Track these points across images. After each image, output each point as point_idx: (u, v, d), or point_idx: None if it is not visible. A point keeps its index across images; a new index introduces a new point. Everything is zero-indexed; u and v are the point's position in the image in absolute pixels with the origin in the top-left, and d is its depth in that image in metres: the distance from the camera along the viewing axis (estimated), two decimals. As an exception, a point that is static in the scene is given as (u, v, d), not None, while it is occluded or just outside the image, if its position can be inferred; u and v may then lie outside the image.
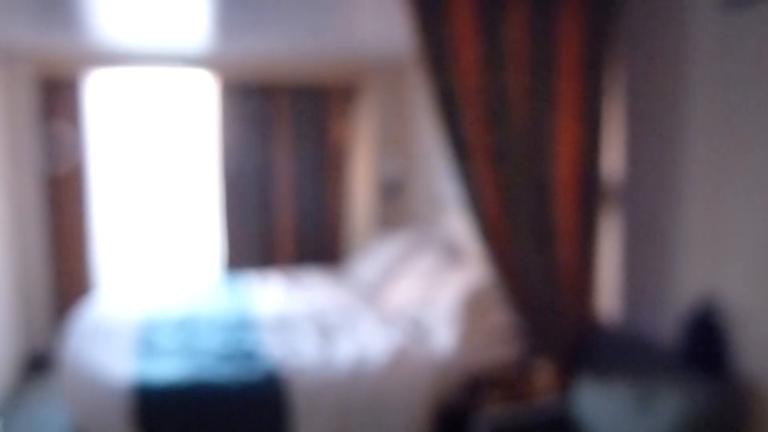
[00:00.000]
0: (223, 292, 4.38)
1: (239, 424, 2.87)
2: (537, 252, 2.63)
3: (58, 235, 4.87)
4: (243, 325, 3.69)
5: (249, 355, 3.25)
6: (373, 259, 4.62)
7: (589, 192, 2.65)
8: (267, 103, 5.15)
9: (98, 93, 4.94)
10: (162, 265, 5.81)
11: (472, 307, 3.34)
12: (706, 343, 2.29)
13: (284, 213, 5.27)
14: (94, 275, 4.99)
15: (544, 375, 2.78)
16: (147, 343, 3.37)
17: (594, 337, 2.70)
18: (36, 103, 4.73)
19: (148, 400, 2.81)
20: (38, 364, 4.83)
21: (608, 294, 2.84)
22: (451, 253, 4.22)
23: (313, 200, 5.33)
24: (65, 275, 4.91)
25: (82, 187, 4.88)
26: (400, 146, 5.31)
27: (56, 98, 4.76)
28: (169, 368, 3.04)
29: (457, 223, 4.31)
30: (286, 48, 4.45)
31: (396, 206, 5.46)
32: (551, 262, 2.65)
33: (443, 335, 3.33)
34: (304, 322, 3.72)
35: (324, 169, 5.34)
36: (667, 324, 2.53)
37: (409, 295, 3.74)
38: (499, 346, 3.31)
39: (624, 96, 2.76)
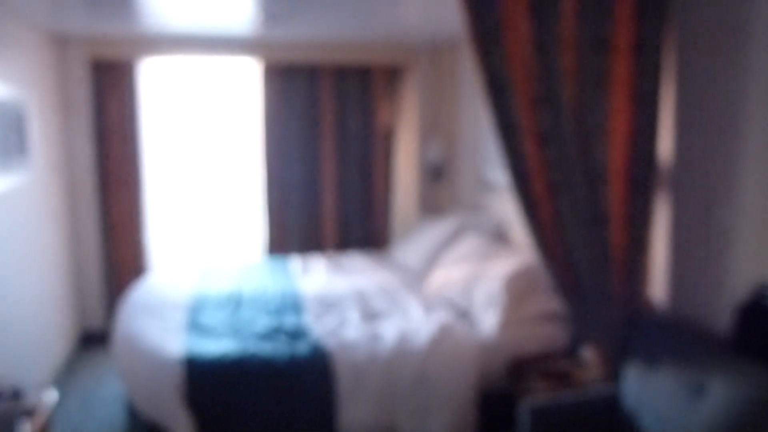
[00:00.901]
0: (268, 273, 4.44)
1: (285, 399, 2.92)
2: (586, 235, 2.59)
3: (111, 215, 5.00)
4: (288, 304, 3.75)
5: (294, 333, 3.30)
6: (417, 242, 4.62)
7: (641, 175, 2.60)
8: (311, 85, 5.16)
9: (150, 77, 5.04)
10: (210, 246, 5.92)
11: (517, 290, 3.31)
12: (759, 330, 2.23)
13: (328, 196, 5.29)
14: (146, 255, 5.12)
15: (591, 361, 2.75)
16: (196, 320, 3.45)
17: (643, 323, 2.65)
18: (90, 85, 4.85)
19: (197, 375, 2.88)
20: (92, 341, 5.00)
21: (659, 279, 2.78)
22: (496, 237, 4.20)
23: (358, 183, 5.34)
24: (118, 255, 5.04)
25: (134, 168, 4.99)
26: (445, 128, 5.27)
27: (110, 82, 4.86)
28: (217, 344, 3.12)
29: (503, 206, 4.27)
30: (331, 31, 4.45)
31: (440, 189, 5.44)
32: (601, 245, 2.61)
33: (487, 318, 3.33)
34: (349, 302, 3.76)
35: (369, 151, 5.33)
36: (718, 310, 2.47)
37: (453, 279, 3.74)
38: (545, 330, 3.29)
39: (677, 76, 2.68)
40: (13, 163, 3.70)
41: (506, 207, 4.22)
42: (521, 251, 3.75)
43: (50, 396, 2.37)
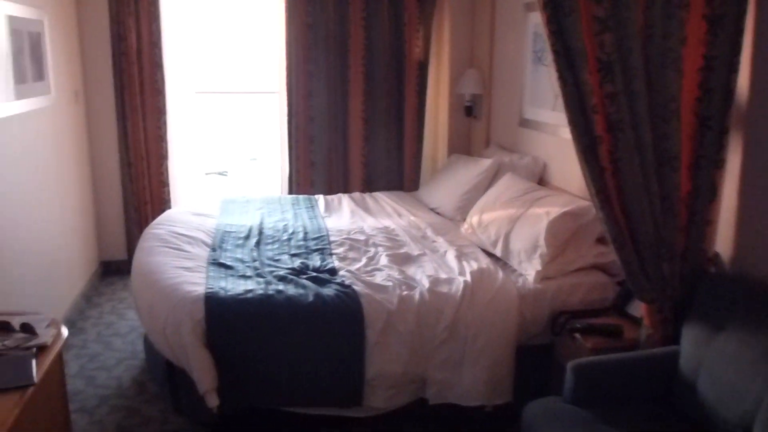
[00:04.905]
0: (292, 211, 4.24)
1: (309, 343, 2.75)
2: (647, 179, 2.32)
3: (131, 145, 4.79)
4: (312, 243, 3.55)
5: (320, 273, 3.11)
6: (448, 184, 4.37)
7: (713, 111, 2.30)
8: (339, 12, 4.80)
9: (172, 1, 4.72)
10: (232, 179, 5.73)
11: (562, 236, 3.06)
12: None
13: (355, 132, 5.00)
14: (167, 188, 4.93)
15: (646, 320, 2.51)
16: (217, 256, 3.27)
17: (707, 280, 2.40)
18: (109, 7, 4.57)
19: (217, 313, 2.71)
20: (112, 272, 4.89)
21: (727, 231, 2.51)
22: (535, 178, 3.93)
23: (388, 119, 5.04)
24: (139, 186, 4.86)
25: (156, 97, 4.75)
26: (481, 60, 4.93)
27: (130, 4, 4.57)
28: (239, 282, 2.94)
29: (544, 147, 3.99)
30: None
31: (473, 127, 5.14)
32: (663, 190, 2.34)
33: (527, 265, 3.10)
34: (377, 244, 3.55)
35: (400, 85, 5.01)
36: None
37: (489, 223, 3.49)
38: (591, 281, 3.05)
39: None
40: (29, 87, 3.50)
41: (548, 147, 3.94)
42: (564, 194, 3.49)
43: (62, 331, 2.21)
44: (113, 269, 4.92)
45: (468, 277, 3.03)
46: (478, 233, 3.55)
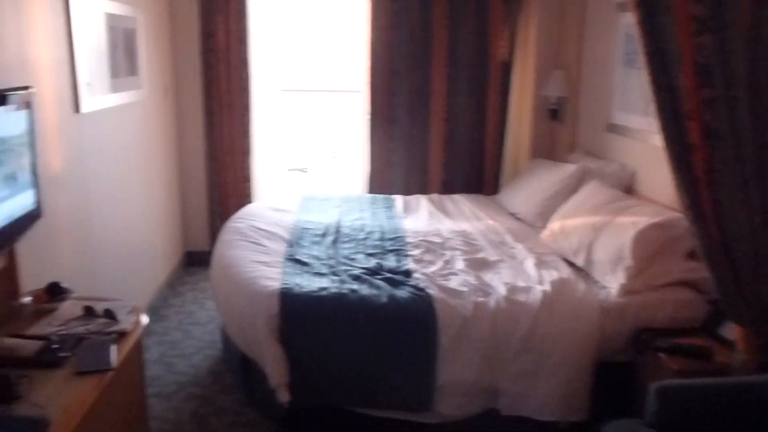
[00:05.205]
0: (370, 210, 4.24)
1: (381, 344, 2.72)
2: (747, 191, 2.17)
3: (217, 140, 4.92)
4: (389, 244, 3.53)
5: (395, 274, 3.08)
6: (530, 189, 4.25)
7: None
8: (423, 10, 4.75)
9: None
10: (313, 176, 5.79)
11: (649, 249, 2.90)
12: None
13: (436, 132, 4.94)
14: (250, 182, 5.03)
15: (740, 344, 2.34)
16: (294, 253, 3.30)
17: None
18: (199, 6, 4.71)
19: (291, 309, 2.73)
20: (195, 263, 5.04)
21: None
22: (623, 187, 3.76)
23: (469, 120, 4.96)
24: (223, 180, 4.98)
25: (242, 94, 4.86)
26: (568, 61, 4.77)
27: (219, 2, 4.69)
28: (314, 279, 2.95)
29: (633, 153, 3.81)
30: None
31: (558, 131, 4.99)
32: (765, 204, 2.18)
33: (611, 278, 2.96)
34: (454, 248, 3.49)
35: (483, 85, 4.92)
36: None
37: (571, 231, 3.37)
38: (679, 297, 2.88)
39: None
40: (122, 81, 3.65)
41: (637, 155, 3.76)
42: (652, 204, 3.32)
43: (142, 319, 2.28)
44: (196, 260, 5.07)
45: (547, 287, 2.92)
46: (559, 241, 3.43)
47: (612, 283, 2.94)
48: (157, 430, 2.89)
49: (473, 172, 5.07)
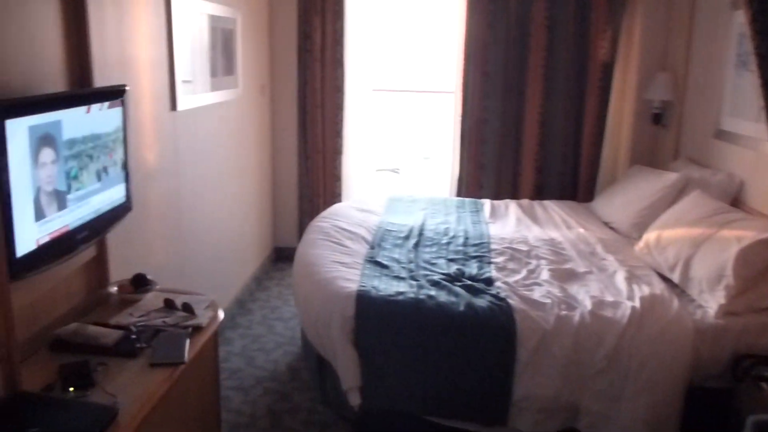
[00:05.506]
0: (456, 214, 4.16)
1: (456, 354, 2.64)
2: None
3: (309, 140, 5.00)
4: (472, 249, 3.44)
5: (476, 282, 3.00)
6: (627, 197, 4.03)
7: None
8: (521, 8, 4.62)
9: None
10: (405, 178, 5.77)
11: (754, 268, 2.66)
12: None
13: (530, 135, 4.79)
14: (340, 182, 5.08)
15: None
16: (375, 254, 3.28)
17: None
18: (297, 7, 4.79)
19: (367, 313, 2.70)
20: (284, 259, 5.15)
21: None
22: (729, 198, 3.48)
23: (566, 123, 4.77)
24: (313, 179, 5.06)
25: (335, 94, 4.91)
26: (674, 64, 4.48)
27: (316, 4, 4.75)
28: (392, 283, 2.92)
29: (743, 163, 3.53)
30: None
31: (660, 137, 4.70)
32: None
33: (710, 297, 2.75)
34: (540, 257, 3.36)
35: (582, 87, 4.72)
36: None
37: (669, 244, 3.15)
38: (787, 323, 2.63)
39: None
40: (220, 80, 3.77)
41: (747, 164, 3.48)
42: (763, 219, 3.06)
43: (218, 314, 2.32)
44: (284, 255, 5.17)
45: (637, 303, 2.75)
46: (654, 254, 3.22)
47: (710, 302, 2.73)
48: (233, 423, 2.96)
49: (567, 178, 4.88)
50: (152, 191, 2.91)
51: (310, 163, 5.04)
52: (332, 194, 5.10)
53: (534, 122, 4.78)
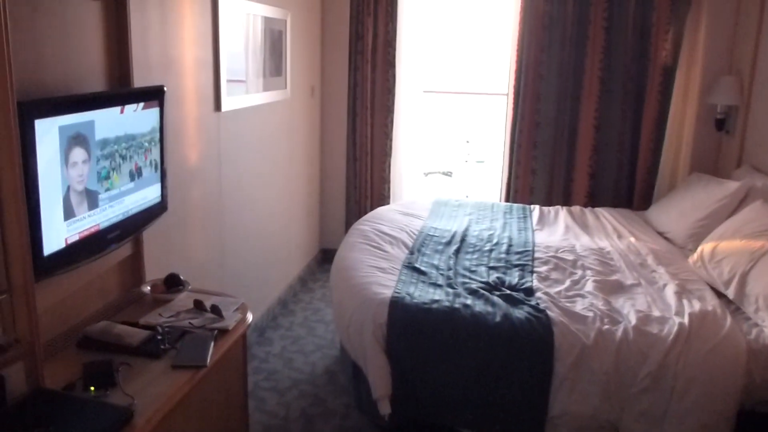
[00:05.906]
0: (501, 220, 4.06)
1: (490, 366, 2.56)
2: None
3: (358, 142, 4.98)
4: (514, 257, 3.34)
5: (515, 291, 2.90)
6: (684, 206, 3.84)
7: None
8: (578, 8, 4.46)
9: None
10: (456, 181, 5.68)
11: (817, 288, 2.49)
12: None
13: (584, 140, 4.63)
14: (388, 185, 5.04)
15: None
16: (414, 260, 3.23)
17: None
18: (350, 8, 4.78)
19: (400, 320, 2.65)
20: (329, 260, 5.13)
21: None
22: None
23: (623, 127, 4.58)
24: (361, 181, 5.03)
25: (386, 96, 4.87)
26: (740, 67, 4.24)
27: (369, 4, 4.73)
28: (428, 290, 2.85)
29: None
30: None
31: (723, 143, 4.46)
32: None
33: (763, 314, 2.57)
34: (586, 265, 3.23)
35: (641, 90, 4.52)
36: None
37: (726, 258, 2.97)
38: None
39: None
40: (268, 81, 3.79)
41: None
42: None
43: (247, 317, 2.31)
44: (331, 257, 5.11)
45: (685, 319, 2.60)
46: (708, 267, 3.04)
47: (766, 321, 2.55)
48: (265, 425, 2.95)
49: (623, 185, 4.70)
50: (193, 191, 2.93)
51: (358, 165, 5.03)
52: (380, 197, 5.07)
53: (589, 127, 4.62)
